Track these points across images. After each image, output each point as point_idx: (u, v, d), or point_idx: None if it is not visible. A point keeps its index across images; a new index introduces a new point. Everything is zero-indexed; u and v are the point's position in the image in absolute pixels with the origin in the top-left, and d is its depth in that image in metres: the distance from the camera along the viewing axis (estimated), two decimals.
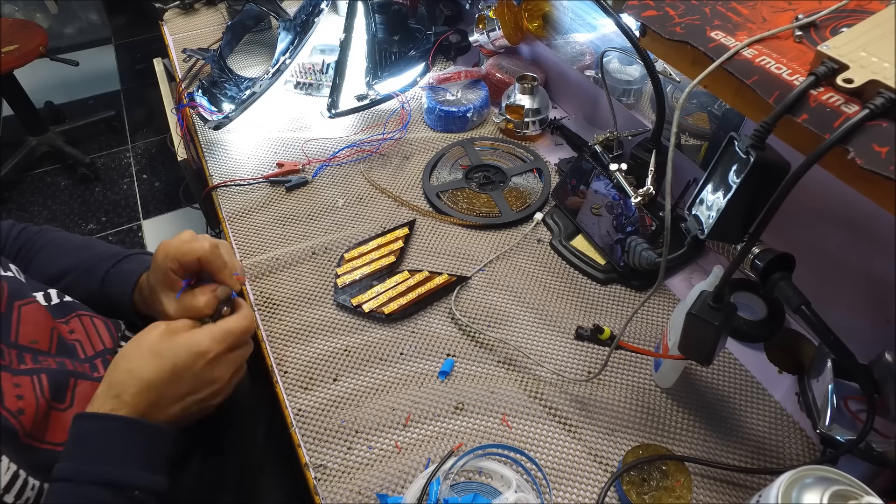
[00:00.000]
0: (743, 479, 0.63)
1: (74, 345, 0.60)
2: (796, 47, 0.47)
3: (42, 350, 0.56)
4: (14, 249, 0.70)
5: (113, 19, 3.37)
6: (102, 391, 0.53)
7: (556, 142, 1.09)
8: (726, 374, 0.73)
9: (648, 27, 0.56)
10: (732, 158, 0.52)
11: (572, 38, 1.03)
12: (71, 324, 0.61)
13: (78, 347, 0.60)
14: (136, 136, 2.72)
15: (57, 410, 0.53)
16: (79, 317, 0.63)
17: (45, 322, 0.58)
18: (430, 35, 1.19)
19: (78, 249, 0.71)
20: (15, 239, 0.71)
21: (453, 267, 0.87)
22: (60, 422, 0.53)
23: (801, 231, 0.71)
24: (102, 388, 0.53)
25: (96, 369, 0.59)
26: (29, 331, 0.55)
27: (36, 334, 0.56)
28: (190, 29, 1.48)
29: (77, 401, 0.55)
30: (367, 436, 0.67)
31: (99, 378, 0.57)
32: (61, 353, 0.57)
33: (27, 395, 0.51)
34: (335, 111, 1.09)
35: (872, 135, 0.39)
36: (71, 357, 0.58)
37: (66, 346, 0.58)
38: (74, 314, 0.63)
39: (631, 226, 0.83)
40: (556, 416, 0.69)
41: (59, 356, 0.56)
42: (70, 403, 0.54)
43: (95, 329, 0.63)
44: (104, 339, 0.62)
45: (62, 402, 0.53)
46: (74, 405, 0.54)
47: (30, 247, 0.70)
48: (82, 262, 0.69)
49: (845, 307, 0.68)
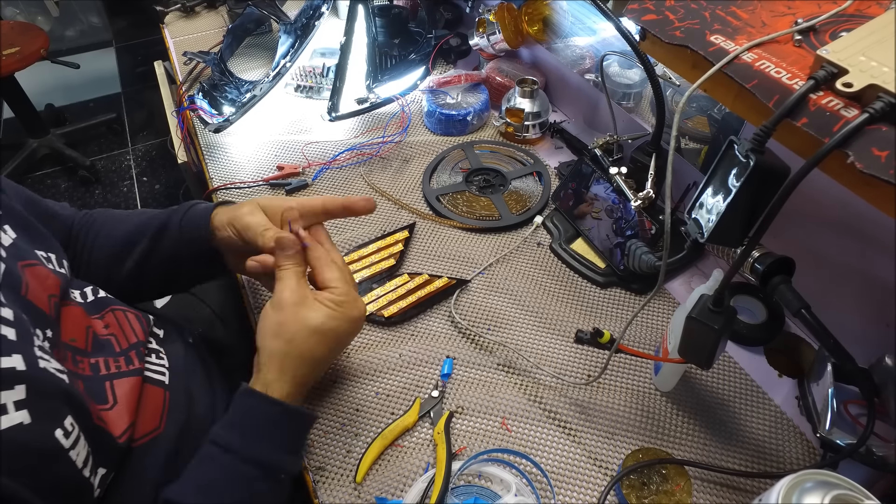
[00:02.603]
0: (743, 483, 0.63)
1: (109, 339, 0.60)
2: (796, 51, 0.48)
3: (80, 349, 0.56)
4: (80, 233, 0.72)
5: (114, 22, 3.38)
6: (269, 366, 0.58)
7: (556, 145, 1.09)
8: (726, 378, 0.73)
9: (648, 31, 0.56)
10: (732, 162, 0.52)
11: (572, 41, 1.04)
12: (106, 318, 0.62)
13: (113, 341, 0.60)
14: (136, 138, 2.72)
15: (105, 411, 0.53)
16: (112, 311, 0.63)
17: (81, 321, 0.58)
18: (430, 39, 1.19)
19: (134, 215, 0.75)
20: (80, 222, 0.72)
21: (453, 270, 0.87)
22: (111, 418, 0.53)
23: (800, 235, 0.71)
24: (269, 363, 0.58)
25: (131, 361, 0.59)
26: (68, 330, 0.56)
27: (75, 333, 0.56)
28: (191, 32, 1.48)
29: (120, 398, 0.55)
30: (366, 438, 0.67)
31: (134, 371, 0.58)
32: (96, 351, 0.58)
33: None
34: (335, 114, 1.09)
35: (872, 139, 0.39)
36: (105, 353, 0.58)
37: (100, 342, 0.59)
38: (108, 309, 0.63)
39: (631, 229, 0.83)
40: (556, 420, 0.69)
41: (95, 355, 0.57)
42: (114, 402, 0.55)
43: (129, 322, 0.63)
44: (137, 332, 0.63)
45: (106, 403, 0.54)
46: (119, 402, 0.55)
47: (90, 226, 0.72)
48: (146, 221, 0.72)
49: (845, 311, 0.68)
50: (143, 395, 0.58)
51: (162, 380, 0.62)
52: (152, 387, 0.60)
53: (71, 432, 0.46)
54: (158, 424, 0.58)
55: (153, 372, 0.61)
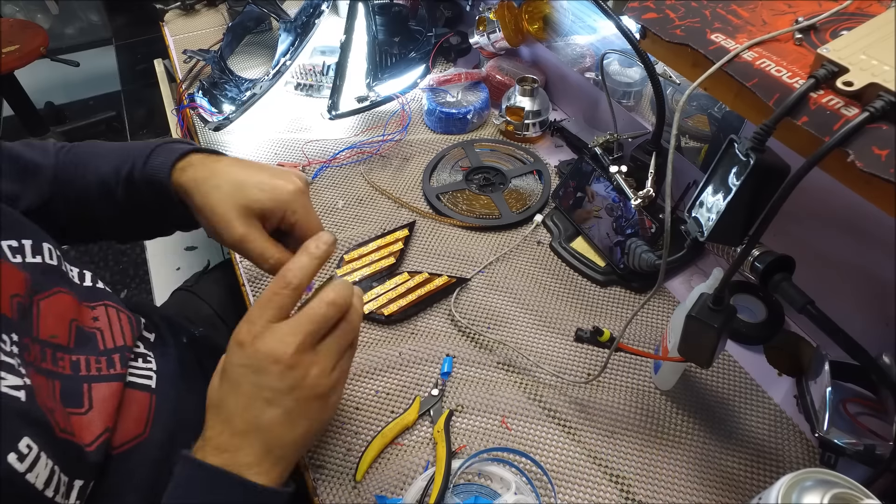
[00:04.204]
0: (742, 481, 0.63)
1: (95, 333, 0.58)
2: (796, 50, 0.48)
3: (61, 345, 0.54)
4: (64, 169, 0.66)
5: (113, 20, 3.37)
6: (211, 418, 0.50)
7: (556, 144, 1.09)
8: (726, 377, 0.73)
9: (649, 29, 0.56)
10: (732, 161, 0.52)
11: (572, 40, 1.03)
12: (97, 310, 0.60)
13: (98, 337, 0.58)
14: (136, 136, 2.72)
15: (76, 415, 0.52)
16: (105, 306, 0.62)
17: (67, 311, 0.56)
18: (430, 37, 1.19)
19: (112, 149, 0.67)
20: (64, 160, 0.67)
21: (453, 268, 0.87)
22: (83, 424, 0.52)
23: (800, 233, 0.71)
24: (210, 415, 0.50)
25: (113, 365, 0.57)
26: (48, 325, 0.54)
27: (55, 328, 0.54)
28: (190, 30, 1.48)
29: (96, 403, 0.53)
30: (366, 437, 0.67)
31: (115, 376, 0.56)
32: (80, 346, 0.56)
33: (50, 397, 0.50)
34: (335, 112, 1.09)
35: (872, 137, 0.39)
36: (88, 351, 0.56)
37: (86, 335, 0.57)
38: (102, 302, 0.62)
39: (631, 228, 0.83)
40: (556, 418, 0.69)
41: (77, 351, 0.55)
42: (89, 406, 0.53)
43: (119, 322, 0.62)
44: (126, 334, 0.61)
45: (80, 407, 0.53)
46: (94, 407, 0.53)
47: (75, 168, 0.66)
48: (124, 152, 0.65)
49: (845, 309, 0.67)
50: (125, 400, 0.57)
51: (148, 384, 0.60)
52: (136, 392, 0.58)
53: (27, 454, 0.43)
54: (143, 430, 0.57)
55: (138, 377, 0.60)
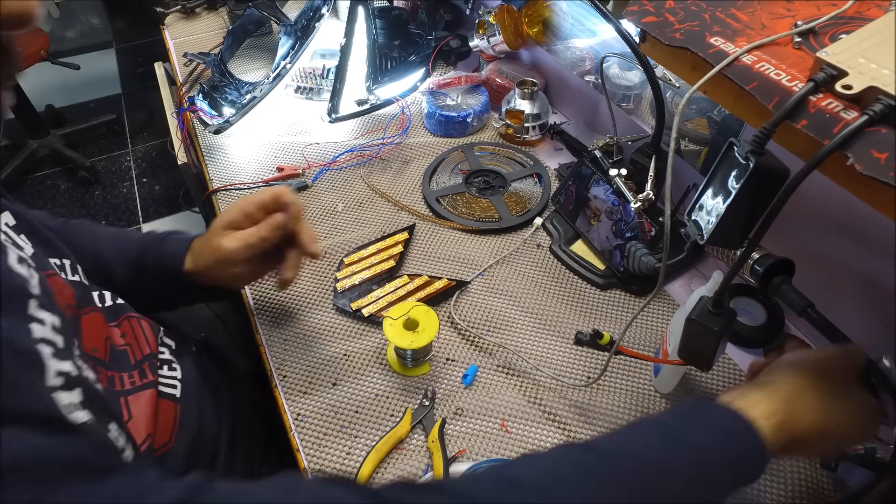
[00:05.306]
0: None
1: (125, 350, 0.60)
2: (795, 53, 0.48)
3: (100, 359, 0.55)
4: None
5: (114, 23, 3.38)
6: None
7: (555, 147, 1.09)
8: (726, 380, 0.73)
9: (648, 33, 0.56)
10: (732, 164, 0.52)
11: (572, 43, 1.04)
12: (122, 327, 0.61)
13: (128, 353, 0.60)
14: (136, 139, 2.72)
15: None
16: (128, 319, 0.63)
17: (101, 330, 0.57)
18: (430, 40, 1.19)
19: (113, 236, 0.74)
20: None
21: (453, 271, 0.87)
22: (130, 430, 0.52)
23: (800, 236, 0.71)
24: None
25: (145, 375, 0.59)
26: (90, 339, 0.55)
27: (95, 342, 0.56)
28: (191, 33, 1.49)
29: (135, 413, 0.55)
30: (366, 440, 0.67)
31: (147, 384, 0.57)
32: (113, 363, 0.57)
33: None
34: (335, 115, 1.09)
35: (871, 141, 0.39)
36: (120, 368, 0.57)
37: (117, 353, 0.58)
38: (124, 316, 0.63)
39: (630, 231, 0.83)
40: (556, 421, 0.69)
41: (112, 368, 0.56)
42: (129, 416, 0.54)
43: (142, 331, 0.63)
44: (149, 341, 0.63)
45: (122, 418, 0.53)
46: (133, 417, 0.54)
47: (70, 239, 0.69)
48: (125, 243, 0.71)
49: (845, 312, 0.67)
50: (158, 409, 0.58)
51: (174, 393, 0.61)
52: (165, 401, 0.59)
53: (118, 437, 0.45)
54: (169, 439, 0.58)
55: (165, 385, 0.61)
